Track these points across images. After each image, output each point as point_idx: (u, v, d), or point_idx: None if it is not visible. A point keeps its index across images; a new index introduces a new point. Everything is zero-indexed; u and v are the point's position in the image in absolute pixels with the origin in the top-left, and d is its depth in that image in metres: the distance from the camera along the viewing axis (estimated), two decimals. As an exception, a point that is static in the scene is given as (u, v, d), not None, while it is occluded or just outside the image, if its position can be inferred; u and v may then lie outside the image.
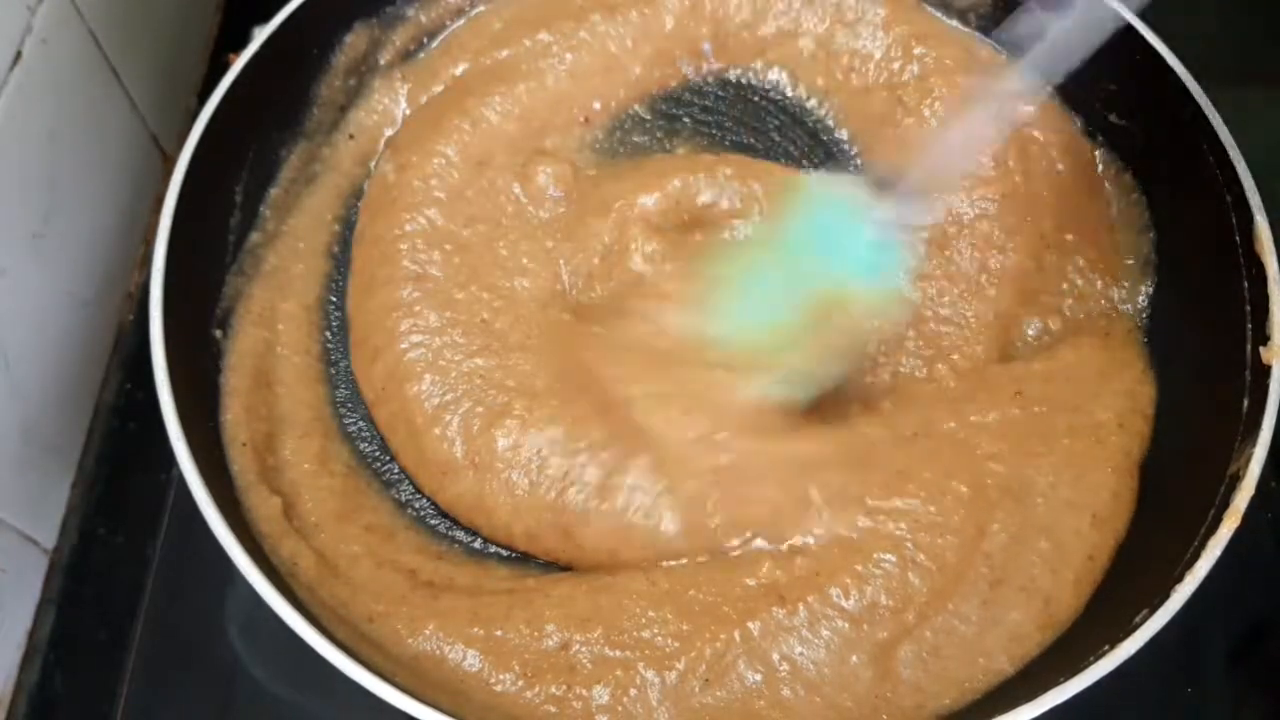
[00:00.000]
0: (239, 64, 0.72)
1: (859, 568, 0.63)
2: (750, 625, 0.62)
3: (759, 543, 0.65)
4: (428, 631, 0.62)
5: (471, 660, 0.61)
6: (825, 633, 0.62)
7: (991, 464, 0.66)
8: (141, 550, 0.72)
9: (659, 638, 0.62)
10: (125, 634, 0.69)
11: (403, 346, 0.71)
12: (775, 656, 0.61)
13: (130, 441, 0.77)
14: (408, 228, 0.77)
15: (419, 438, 0.69)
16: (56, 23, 0.72)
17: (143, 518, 0.73)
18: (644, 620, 0.62)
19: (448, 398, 0.69)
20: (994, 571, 0.63)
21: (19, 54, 0.68)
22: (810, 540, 0.64)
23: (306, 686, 0.66)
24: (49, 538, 0.73)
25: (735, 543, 0.65)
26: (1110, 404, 0.69)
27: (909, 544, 0.64)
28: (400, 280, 0.74)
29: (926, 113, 0.81)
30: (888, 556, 0.63)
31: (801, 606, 0.62)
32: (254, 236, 0.76)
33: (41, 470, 0.73)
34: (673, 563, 0.65)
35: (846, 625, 0.62)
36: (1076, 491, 0.66)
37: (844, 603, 0.62)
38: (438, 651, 0.62)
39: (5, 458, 0.68)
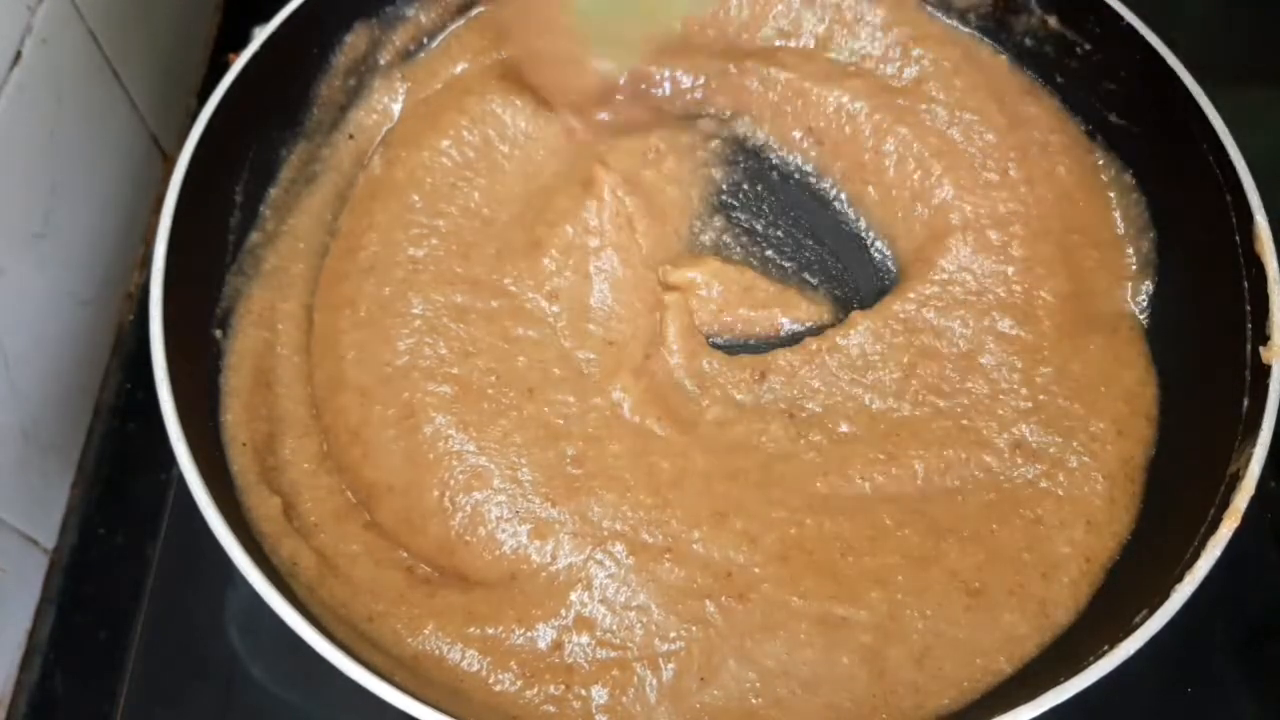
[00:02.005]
0: (239, 64, 0.72)
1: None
2: (713, 619, 0.62)
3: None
4: (426, 631, 0.62)
5: (470, 660, 0.61)
6: (800, 634, 0.62)
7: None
8: (141, 550, 0.72)
9: (646, 635, 0.62)
10: (125, 634, 0.69)
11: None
12: (761, 655, 0.61)
13: (130, 441, 0.77)
14: (378, 217, 0.77)
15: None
16: (56, 23, 0.72)
17: (143, 518, 0.72)
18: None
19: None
20: (966, 581, 0.64)
21: (19, 54, 0.68)
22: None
23: (306, 686, 0.66)
24: (49, 538, 0.73)
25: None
26: (1108, 410, 0.70)
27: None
28: (357, 275, 0.75)
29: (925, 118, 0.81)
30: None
31: (756, 603, 0.62)
32: (254, 236, 0.76)
33: (41, 470, 0.73)
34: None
35: (810, 627, 0.62)
36: (1065, 503, 0.67)
37: (798, 602, 0.63)
38: (437, 651, 0.62)
39: (5, 458, 0.68)
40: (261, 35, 0.74)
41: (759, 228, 0.80)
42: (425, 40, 0.85)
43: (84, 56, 0.76)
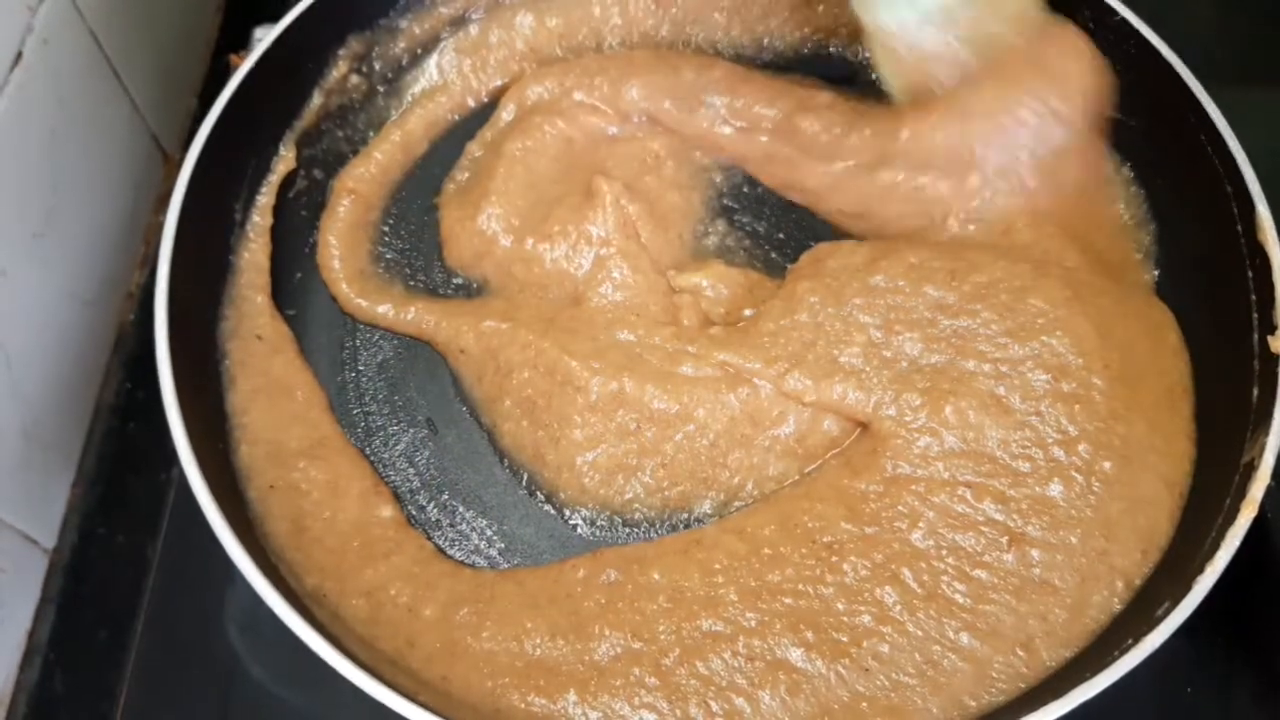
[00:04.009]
0: (235, 78, 0.72)
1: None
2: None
3: None
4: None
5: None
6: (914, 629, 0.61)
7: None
8: (141, 550, 0.71)
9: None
10: (125, 634, 0.68)
11: None
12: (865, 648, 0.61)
13: (130, 441, 0.76)
14: None
15: None
16: (57, 23, 0.72)
17: (143, 518, 0.72)
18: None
19: None
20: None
21: (19, 54, 0.68)
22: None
23: (306, 686, 0.65)
24: (49, 538, 0.73)
25: None
26: None
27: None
28: None
29: None
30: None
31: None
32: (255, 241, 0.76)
33: (41, 470, 0.72)
34: None
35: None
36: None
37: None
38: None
39: (5, 458, 0.68)
40: (257, 49, 0.74)
41: (761, 230, 0.80)
42: (419, 52, 0.85)
43: (84, 56, 0.76)
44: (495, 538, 0.68)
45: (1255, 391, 0.63)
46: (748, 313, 0.74)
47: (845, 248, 0.74)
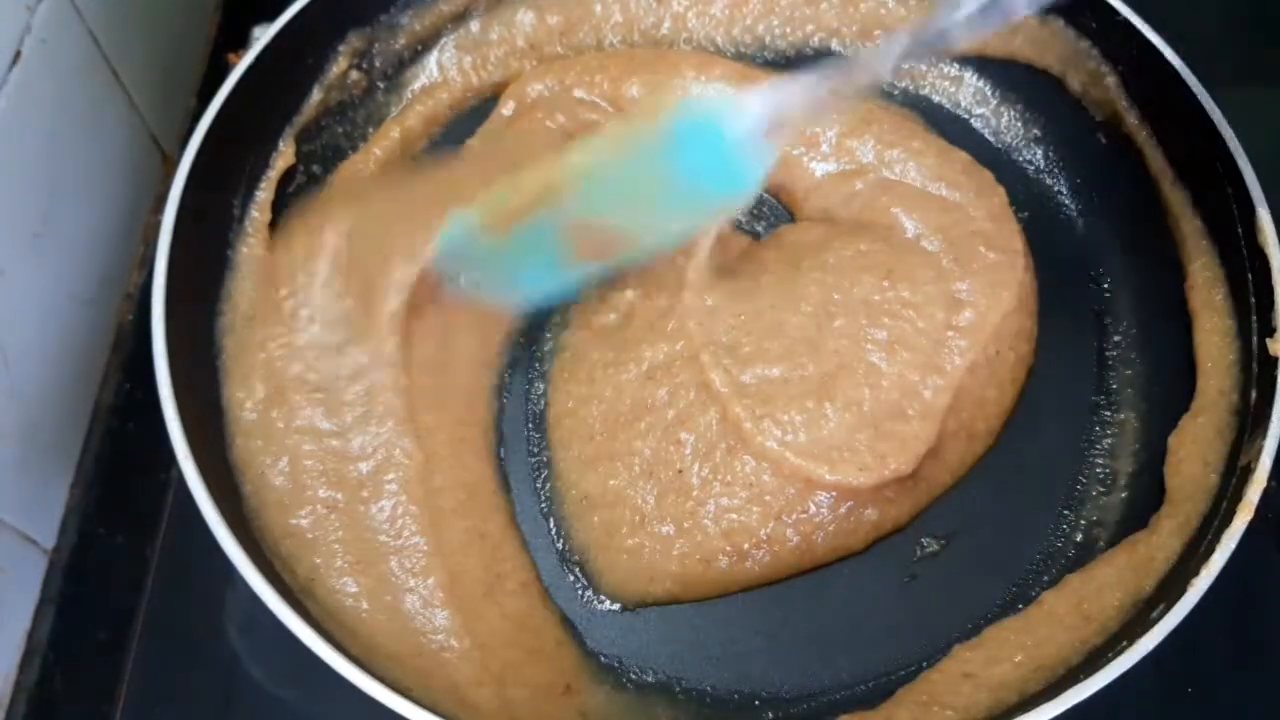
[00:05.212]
0: (235, 74, 0.72)
1: None
2: None
3: None
4: None
5: None
6: None
7: None
8: (141, 550, 0.71)
9: None
10: (125, 634, 0.68)
11: None
12: None
13: (130, 441, 0.76)
14: None
15: None
16: (56, 23, 0.72)
17: (143, 518, 0.72)
18: None
19: None
20: None
21: (18, 54, 0.68)
22: None
23: (306, 686, 0.65)
24: (49, 538, 0.73)
25: None
26: None
27: None
28: None
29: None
30: None
31: None
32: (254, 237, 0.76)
33: (41, 470, 0.72)
34: None
35: None
36: None
37: None
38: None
39: (5, 458, 0.68)
40: (257, 45, 0.73)
41: (760, 230, 0.80)
42: (419, 49, 0.84)
43: (83, 56, 0.76)
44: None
45: (1253, 394, 0.63)
46: None
47: (802, 226, 0.76)
